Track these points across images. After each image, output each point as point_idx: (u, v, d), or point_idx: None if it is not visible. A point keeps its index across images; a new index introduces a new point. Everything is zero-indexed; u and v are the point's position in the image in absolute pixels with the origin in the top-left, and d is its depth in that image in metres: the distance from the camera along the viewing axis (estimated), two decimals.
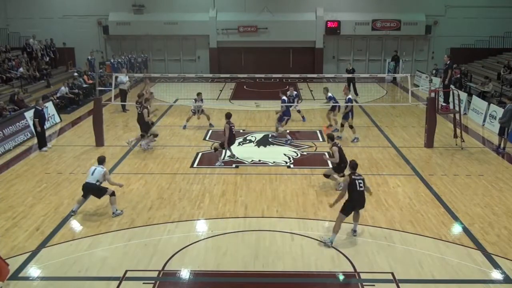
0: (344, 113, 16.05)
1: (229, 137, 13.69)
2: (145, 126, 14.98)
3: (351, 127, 16.11)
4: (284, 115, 16.25)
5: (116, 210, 10.49)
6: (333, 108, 17.20)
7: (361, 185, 9.14)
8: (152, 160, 14.22)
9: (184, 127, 17.95)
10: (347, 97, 16.16)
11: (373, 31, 31.87)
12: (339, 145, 11.93)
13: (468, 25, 30.86)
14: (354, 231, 9.52)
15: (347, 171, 9.80)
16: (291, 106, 17.13)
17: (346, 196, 9.22)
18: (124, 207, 10.86)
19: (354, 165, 9.34)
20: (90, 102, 20.24)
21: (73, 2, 31.72)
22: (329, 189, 11.99)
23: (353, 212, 9.36)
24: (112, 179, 10.87)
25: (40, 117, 15.22)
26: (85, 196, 10.70)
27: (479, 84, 22.87)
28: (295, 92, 18.17)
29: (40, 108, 15.51)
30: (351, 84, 24.39)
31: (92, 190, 10.48)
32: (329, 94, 17.03)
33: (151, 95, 17.91)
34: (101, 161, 10.67)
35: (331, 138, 11.99)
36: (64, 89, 21.45)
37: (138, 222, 10.14)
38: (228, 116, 13.84)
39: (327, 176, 12.03)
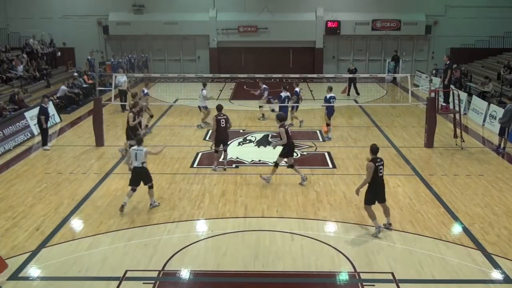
0: (327, 113, 16.53)
1: (217, 130, 13.00)
2: (133, 131, 14.07)
3: (327, 125, 16.76)
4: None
5: (154, 202, 10.81)
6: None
7: (381, 170, 9.25)
8: (152, 160, 14.19)
9: (199, 126, 18.00)
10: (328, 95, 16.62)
11: (373, 31, 31.87)
12: (287, 126, 12.05)
13: (468, 25, 30.86)
14: (389, 224, 9.69)
15: (368, 156, 9.65)
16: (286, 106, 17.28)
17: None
18: (126, 206, 10.86)
19: (375, 150, 9.42)
20: (90, 102, 20.25)
21: (73, 2, 31.73)
22: (329, 189, 11.99)
23: (382, 208, 9.55)
24: (153, 151, 11.10)
25: (45, 114, 15.45)
26: (133, 189, 10.64)
27: (479, 84, 22.88)
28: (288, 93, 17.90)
29: (46, 106, 15.72)
30: (352, 84, 24.38)
31: (141, 174, 10.58)
32: (331, 94, 16.92)
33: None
34: (139, 142, 10.76)
35: (280, 118, 12.17)
36: (64, 88, 21.44)
37: (138, 222, 10.14)
38: (219, 108, 13.23)
39: (290, 167, 12.28)
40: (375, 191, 9.31)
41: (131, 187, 10.66)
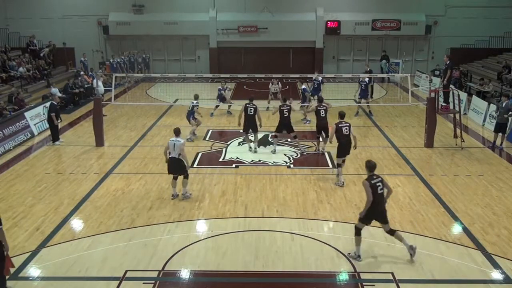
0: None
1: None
2: None
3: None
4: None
5: (186, 192, 11.11)
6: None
7: (380, 188, 8.36)
8: (152, 160, 14.21)
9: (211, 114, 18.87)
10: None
11: (373, 31, 31.85)
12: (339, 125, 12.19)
13: (468, 25, 30.83)
14: (411, 247, 8.57)
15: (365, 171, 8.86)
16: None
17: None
18: (124, 207, 10.87)
19: (370, 166, 8.50)
20: (90, 102, 20.24)
21: (73, 2, 31.69)
22: (329, 189, 11.99)
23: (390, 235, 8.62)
24: (184, 152, 11.10)
25: (56, 111, 15.87)
26: (175, 177, 11.17)
27: (477, 84, 22.88)
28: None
29: (56, 103, 16.21)
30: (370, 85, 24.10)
31: (177, 165, 10.87)
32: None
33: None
34: (177, 132, 10.97)
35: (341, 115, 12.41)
36: (54, 90, 21.13)
37: (138, 222, 10.14)
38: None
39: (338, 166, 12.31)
40: (372, 210, 8.35)
41: (172, 176, 11.18)
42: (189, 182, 12.41)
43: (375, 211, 8.40)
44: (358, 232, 8.60)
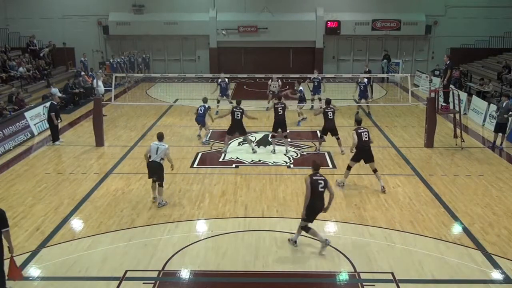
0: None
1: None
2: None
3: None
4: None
5: (162, 200, 10.80)
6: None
7: (321, 186, 8.70)
8: None
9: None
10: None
11: (373, 31, 31.84)
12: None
13: (468, 25, 30.82)
14: (325, 241, 8.84)
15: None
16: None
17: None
18: (124, 207, 10.88)
19: (315, 166, 8.94)
20: (90, 102, 20.24)
21: (73, 2, 31.69)
22: None
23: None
24: (170, 156, 10.94)
25: (56, 111, 15.85)
26: (154, 180, 10.91)
27: (477, 84, 22.88)
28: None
29: (56, 103, 16.18)
30: (369, 85, 24.07)
31: (157, 170, 10.66)
32: (300, 88, 18.36)
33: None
34: (161, 137, 10.83)
35: (357, 121, 12.51)
36: (54, 90, 21.18)
37: (138, 222, 10.14)
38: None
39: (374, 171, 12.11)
40: (312, 206, 8.67)
41: (152, 180, 10.94)
42: (189, 182, 12.46)
43: (315, 208, 8.70)
44: (306, 230, 8.84)
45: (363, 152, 11.76)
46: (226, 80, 19.76)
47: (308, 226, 8.87)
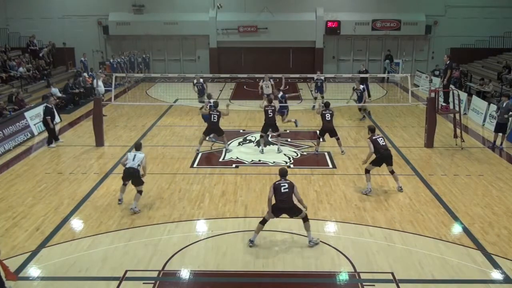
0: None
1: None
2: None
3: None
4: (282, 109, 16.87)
5: (136, 207, 10.58)
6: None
7: (284, 188, 8.87)
8: (152, 160, 14.20)
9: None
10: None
11: (373, 31, 31.83)
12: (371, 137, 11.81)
13: (468, 25, 30.83)
14: (309, 241, 9.11)
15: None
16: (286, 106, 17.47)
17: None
18: (124, 207, 10.87)
19: (281, 172, 9.08)
20: (90, 102, 20.24)
21: (73, 2, 31.69)
22: (329, 189, 12.00)
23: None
24: (145, 165, 10.95)
25: (51, 114, 15.67)
26: (125, 183, 10.85)
27: (477, 84, 22.88)
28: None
29: (51, 106, 15.94)
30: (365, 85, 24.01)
31: (134, 175, 10.60)
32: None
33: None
34: (138, 147, 10.94)
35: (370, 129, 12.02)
36: (54, 90, 21.19)
37: (138, 222, 10.14)
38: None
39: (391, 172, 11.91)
40: (277, 207, 8.93)
41: (123, 183, 10.86)
42: (189, 182, 12.46)
43: (279, 208, 8.93)
44: (263, 222, 9.09)
45: (384, 157, 11.55)
46: (201, 80, 19.56)
47: (265, 220, 9.08)
